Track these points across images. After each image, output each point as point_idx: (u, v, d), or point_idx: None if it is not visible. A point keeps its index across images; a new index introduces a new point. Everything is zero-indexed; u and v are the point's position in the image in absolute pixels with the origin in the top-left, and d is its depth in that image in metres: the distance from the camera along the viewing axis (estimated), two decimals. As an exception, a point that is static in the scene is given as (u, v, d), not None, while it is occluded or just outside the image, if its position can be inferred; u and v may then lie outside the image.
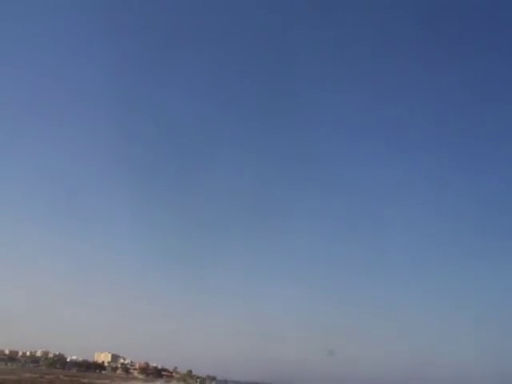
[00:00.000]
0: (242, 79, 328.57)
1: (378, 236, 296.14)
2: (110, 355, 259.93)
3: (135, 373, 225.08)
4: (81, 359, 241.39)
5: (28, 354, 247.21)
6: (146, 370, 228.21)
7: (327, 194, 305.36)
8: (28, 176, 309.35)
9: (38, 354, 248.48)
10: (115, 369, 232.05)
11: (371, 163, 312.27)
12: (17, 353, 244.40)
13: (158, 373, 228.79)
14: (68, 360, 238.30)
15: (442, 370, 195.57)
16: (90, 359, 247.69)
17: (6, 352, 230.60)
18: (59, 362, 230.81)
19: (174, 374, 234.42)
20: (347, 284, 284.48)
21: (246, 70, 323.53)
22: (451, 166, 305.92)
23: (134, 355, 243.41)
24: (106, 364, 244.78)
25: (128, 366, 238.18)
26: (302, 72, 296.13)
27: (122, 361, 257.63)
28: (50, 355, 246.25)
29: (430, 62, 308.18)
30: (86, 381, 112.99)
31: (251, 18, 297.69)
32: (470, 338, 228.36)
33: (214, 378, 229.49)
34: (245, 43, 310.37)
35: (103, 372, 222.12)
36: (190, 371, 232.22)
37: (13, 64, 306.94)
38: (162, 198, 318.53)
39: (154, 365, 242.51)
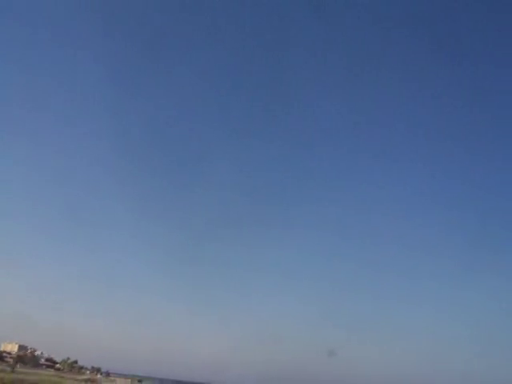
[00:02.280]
0: (237, 81, 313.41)
1: (374, 242, 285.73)
2: (17, 346, 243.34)
3: (11, 361, 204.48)
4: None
5: None
6: (22, 358, 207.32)
7: (321, 205, 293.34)
8: (24, 181, 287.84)
9: None
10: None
11: (364, 174, 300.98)
12: None
13: (36, 362, 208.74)
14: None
15: (438, 376, 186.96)
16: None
17: None
18: None
19: (58, 365, 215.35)
20: (346, 289, 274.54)
21: (242, 72, 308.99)
22: (447, 176, 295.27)
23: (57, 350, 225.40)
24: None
25: (5, 354, 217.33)
26: (298, 78, 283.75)
27: (29, 351, 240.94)
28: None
29: (428, 68, 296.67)
30: None
31: (249, 20, 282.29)
32: (467, 345, 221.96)
33: (98, 369, 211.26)
34: (241, 46, 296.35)
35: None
36: (75, 361, 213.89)
37: (7, 67, 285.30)
38: (160, 203, 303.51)
39: (38, 353, 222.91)
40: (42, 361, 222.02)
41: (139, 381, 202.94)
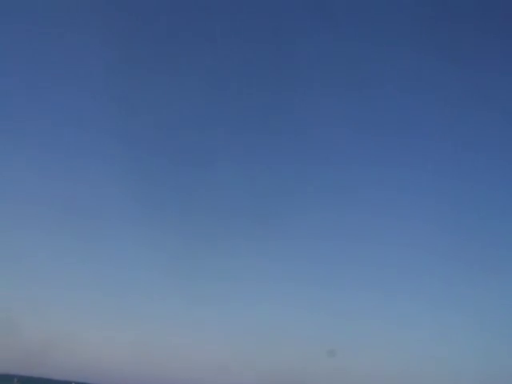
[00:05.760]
0: (242, 81, 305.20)
1: (376, 244, 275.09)
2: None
3: None
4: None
5: None
6: None
7: (326, 206, 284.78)
8: (24, 181, 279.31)
9: None
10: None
11: (368, 173, 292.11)
12: None
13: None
14: None
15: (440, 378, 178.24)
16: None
17: None
18: None
19: None
20: (347, 291, 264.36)
21: (247, 71, 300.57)
22: (450, 175, 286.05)
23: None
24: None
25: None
26: (303, 75, 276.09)
27: None
28: None
29: (432, 66, 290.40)
30: None
31: (253, 20, 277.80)
32: (470, 346, 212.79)
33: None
34: (246, 44, 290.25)
35: None
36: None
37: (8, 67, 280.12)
38: (160, 204, 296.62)
39: None
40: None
41: None
